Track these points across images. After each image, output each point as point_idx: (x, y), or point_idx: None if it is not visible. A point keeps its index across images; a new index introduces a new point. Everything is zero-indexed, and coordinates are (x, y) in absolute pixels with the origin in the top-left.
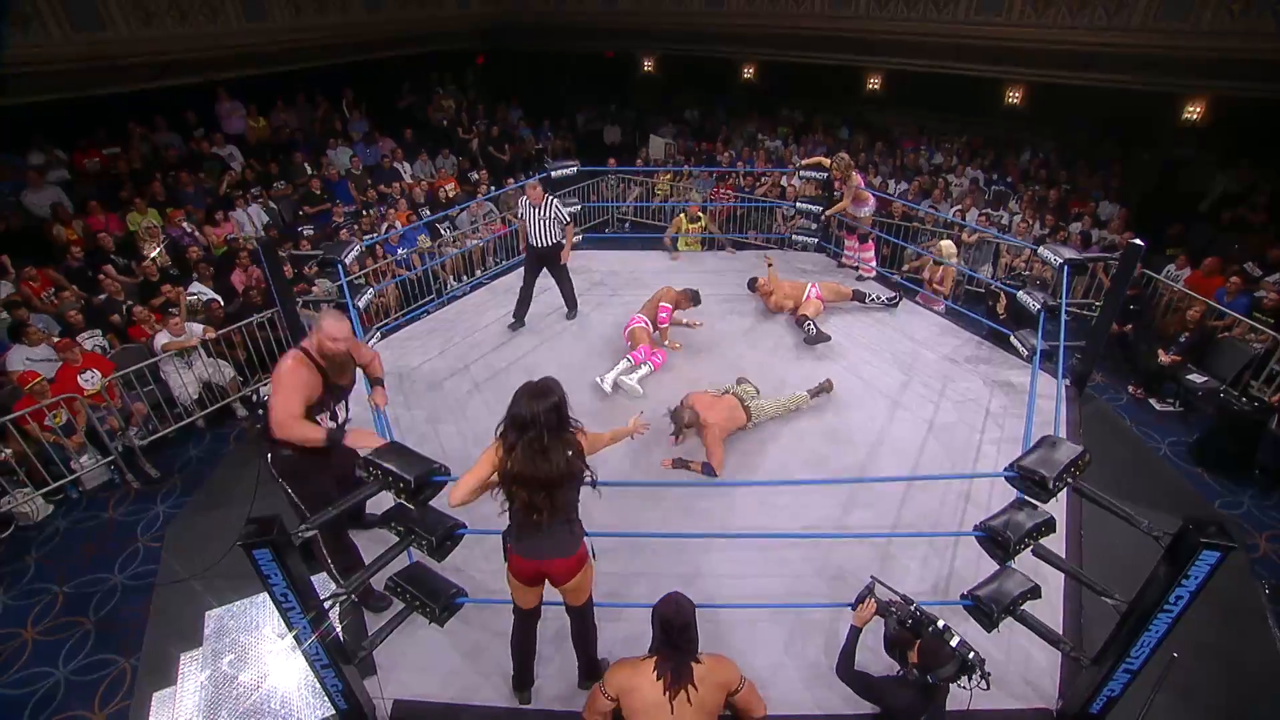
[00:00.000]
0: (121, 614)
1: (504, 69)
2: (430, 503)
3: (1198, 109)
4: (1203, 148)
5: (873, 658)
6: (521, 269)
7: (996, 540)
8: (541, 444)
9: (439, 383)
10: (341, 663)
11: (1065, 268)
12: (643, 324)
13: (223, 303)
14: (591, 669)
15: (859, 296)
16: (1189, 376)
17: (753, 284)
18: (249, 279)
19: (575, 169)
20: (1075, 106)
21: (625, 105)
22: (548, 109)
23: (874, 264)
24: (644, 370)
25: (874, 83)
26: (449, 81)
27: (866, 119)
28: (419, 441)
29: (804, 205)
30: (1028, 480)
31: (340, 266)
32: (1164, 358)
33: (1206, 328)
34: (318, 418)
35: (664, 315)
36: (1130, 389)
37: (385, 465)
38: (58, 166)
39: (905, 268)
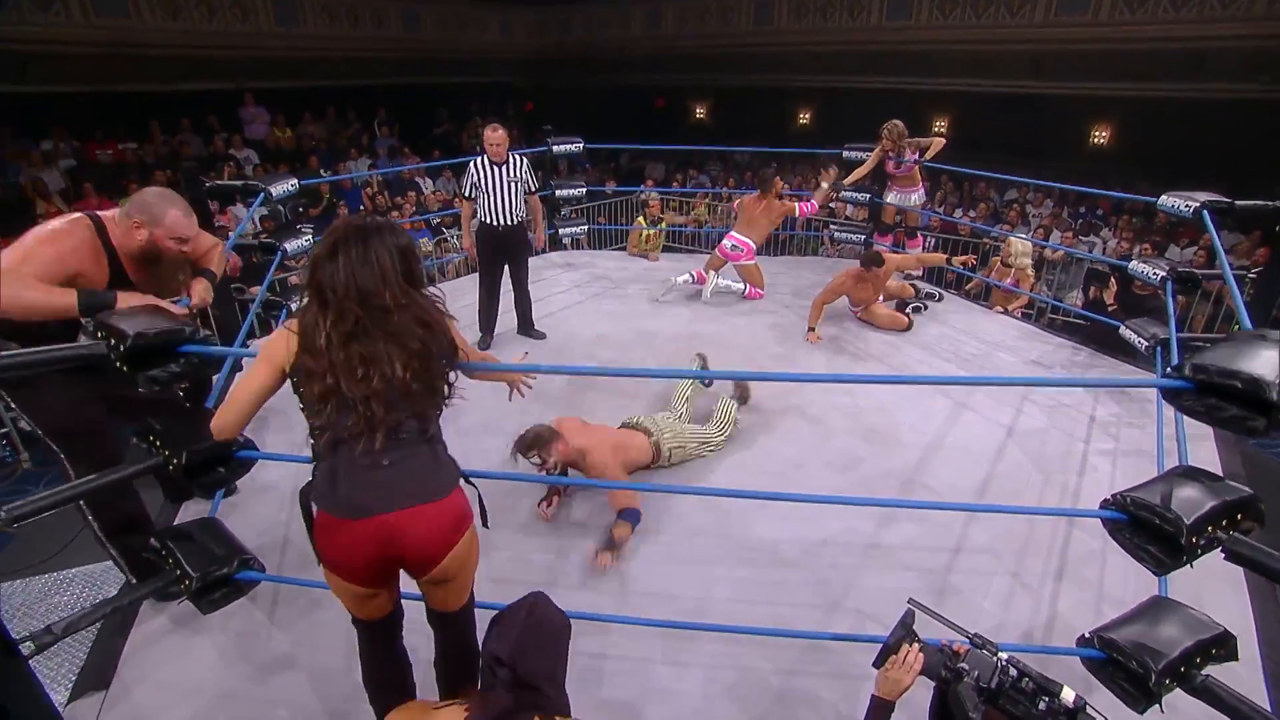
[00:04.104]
0: None
1: (550, 109)
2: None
3: None
4: None
5: None
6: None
7: (1151, 526)
8: (382, 306)
9: None
10: None
11: (1207, 214)
12: (751, 261)
13: None
14: None
15: (902, 305)
16: None
17: (877, 258)
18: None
19: (580, 145)
20: (1173, 138)
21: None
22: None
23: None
24: (739, 288)
25: (940, 125)
26: (490, 113)
27: (930, 166)
28: None
29: (849, 194)
30: None
31: (266, 195)
32: None
33: None
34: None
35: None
36: None
37: (109, 321)
38: (66, 155)
39: (970, 285)
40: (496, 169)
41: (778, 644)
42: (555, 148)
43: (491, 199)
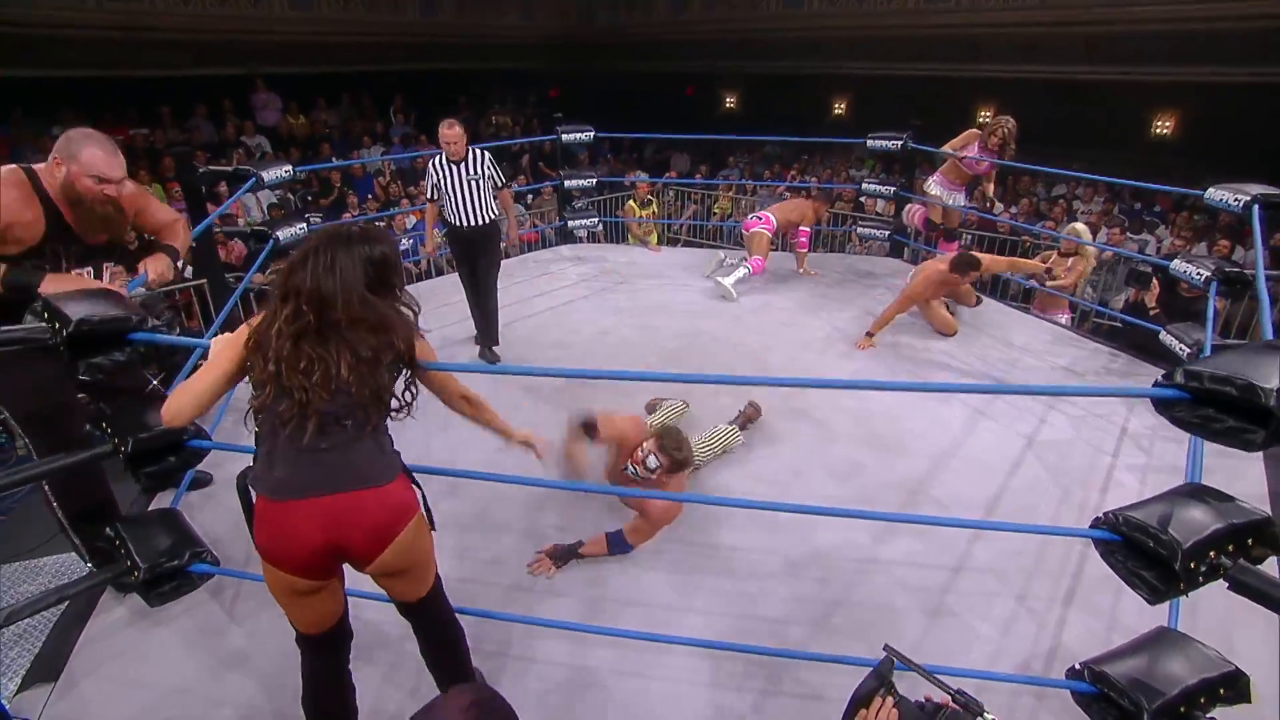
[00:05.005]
0: None
1: (575, 97)
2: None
3: None
4: None
5: None
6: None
7: (1146, 549)
8: (337, 317)
9: None
10: None
11: (1256, 208)
12: (768, 232)
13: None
14: None
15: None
16: None
17: (974, 262)
18: (227, 254)
19: (591, 134)
20: (1243, 129)
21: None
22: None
23: None
24: (742, 273)
25: (985, 115)
26: (510, 101)
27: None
28: None
29: (873, 187)
30: None
31: (257, 179)
32: None
33: None
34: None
35: (803, 240)
36: None
37: (55, 304)
38: None
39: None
40: (455, 167)
41: (751, 662)
42: (564, 136)
43: (454, 199)
